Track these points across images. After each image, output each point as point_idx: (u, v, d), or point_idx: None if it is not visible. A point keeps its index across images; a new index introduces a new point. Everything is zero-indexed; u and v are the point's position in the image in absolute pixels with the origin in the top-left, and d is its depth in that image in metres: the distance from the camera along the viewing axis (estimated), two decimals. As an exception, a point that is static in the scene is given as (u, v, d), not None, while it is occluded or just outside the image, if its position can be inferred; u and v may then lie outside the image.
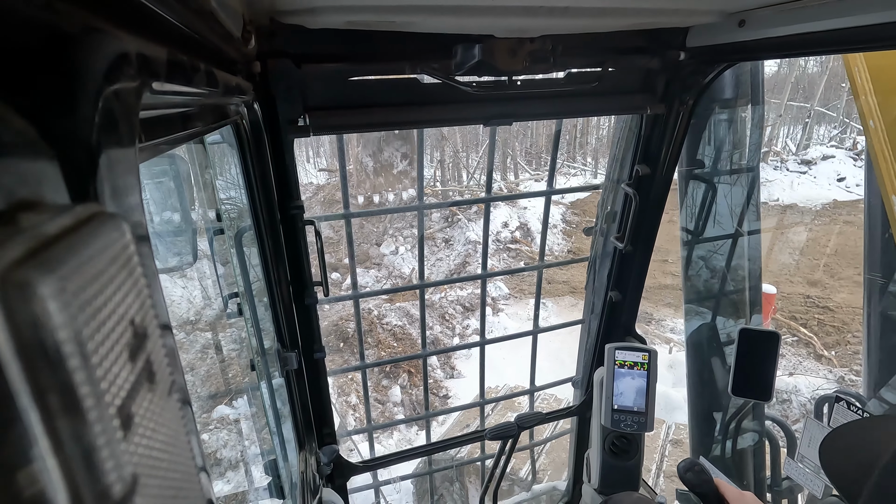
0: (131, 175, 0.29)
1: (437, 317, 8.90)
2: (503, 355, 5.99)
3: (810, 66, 18.23)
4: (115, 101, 0.27)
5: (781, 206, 13.04)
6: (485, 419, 2.71)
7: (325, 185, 14.39)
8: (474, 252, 10.61)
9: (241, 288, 1.40)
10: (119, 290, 0.20)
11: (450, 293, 9.19)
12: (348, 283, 10.19)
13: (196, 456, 0.29)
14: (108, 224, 0.20)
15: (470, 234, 11.08)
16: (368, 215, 6.45)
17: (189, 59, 0.46)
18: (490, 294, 9.15)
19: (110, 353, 0.19)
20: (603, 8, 0.94)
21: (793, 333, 8.05)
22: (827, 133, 18.37)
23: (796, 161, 15.31)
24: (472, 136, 16.59)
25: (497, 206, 11.40)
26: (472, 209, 11.40)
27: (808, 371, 7.17)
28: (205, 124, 0.62)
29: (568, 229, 12.05)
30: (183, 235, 1.36)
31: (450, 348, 6.69)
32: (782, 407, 6.31)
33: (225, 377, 5.61)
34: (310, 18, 0.93)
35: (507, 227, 11.32)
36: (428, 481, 3.69)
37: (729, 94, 2.32)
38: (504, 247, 10.97)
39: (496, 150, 16.52)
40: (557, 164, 1.81)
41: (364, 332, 8.39)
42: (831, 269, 9.79)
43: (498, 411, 4.61)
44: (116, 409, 0.19)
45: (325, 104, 1.15)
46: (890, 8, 0.80)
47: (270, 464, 1.61)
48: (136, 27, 0.32)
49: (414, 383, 7.46)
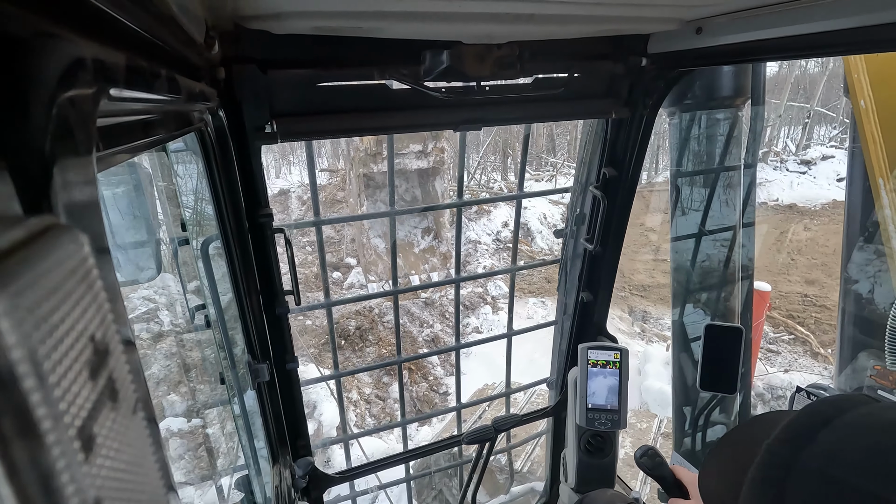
0: (89, 185, 0.27)
1: (438, 315, 9.02)
2: (501, 353, 6.16)
3: (811, 67, 18.65)
4: (70, 108, 0.26)
5: (781, 206, 13.46)
6: (483, 415, 2.73)
7: (326, 185, 14.27)
8: (474, 251, 10.80)
9: (208, 299, 1.36)
10: (77, 306, 0.19)
11: (449, 292, 9.32)
12: (350, 282, 10.15)
13: (164, 475, 0.28)
14: (65, 237, 0.19)
15: (470, 233, 11.23)
16: (338, 222, 6.40)
17: (149, 64, 0.44)
18: (490, 293, 9.43)
19: (69, 371, 0.18)
20: (567, 15, 0.96)
21: (790, 331, 8.34)
22: (827, 133, 18.83)
23: (796, 161, 15.77)
24: (473, 136, 16.71)
25: (498, 205, 11.75)
26: (473, 209, 11.54)
27: (804, 368, 7.44)
28: (167, 132, 0.60)
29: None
30: (146, 247, 1.32)
31: (422, 354, 6.69)
32: (777, 403, 6.54)
33: (191, 391, 5.46)
34: (275, 24, 0.92)
35: (507, 226, 11.54)
36: (427, 478, 3.68)
37: (728, 92, 2.30)
38: (504, 246, 11.20)
39: (496, 151, 16.62)
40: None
41: (365, 329, 8.43)
42: (829, 269, 10.10)
43: (494, 406, 4.72)
44: (77, 430, 0.18)
45: (292, 110, 1.13)
46: (834, 17, 0.84)
47: (242, 479, 1.57)
48: (92, 32, 0.31)
49: (414, 380, 7.62)
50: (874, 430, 0.41)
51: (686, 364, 2.77)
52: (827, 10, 0.85)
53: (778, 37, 0.96)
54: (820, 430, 0.43)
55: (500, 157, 15.92)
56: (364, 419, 6.93)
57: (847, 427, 0.42)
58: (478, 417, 4.54)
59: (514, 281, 2.08)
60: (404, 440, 2.14)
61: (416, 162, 8.85)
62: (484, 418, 4.43)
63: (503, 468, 4.11)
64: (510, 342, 2.12)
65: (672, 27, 1.15)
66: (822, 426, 0.43)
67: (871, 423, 0.42)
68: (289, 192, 15.16)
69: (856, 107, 2.20)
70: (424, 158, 8.47)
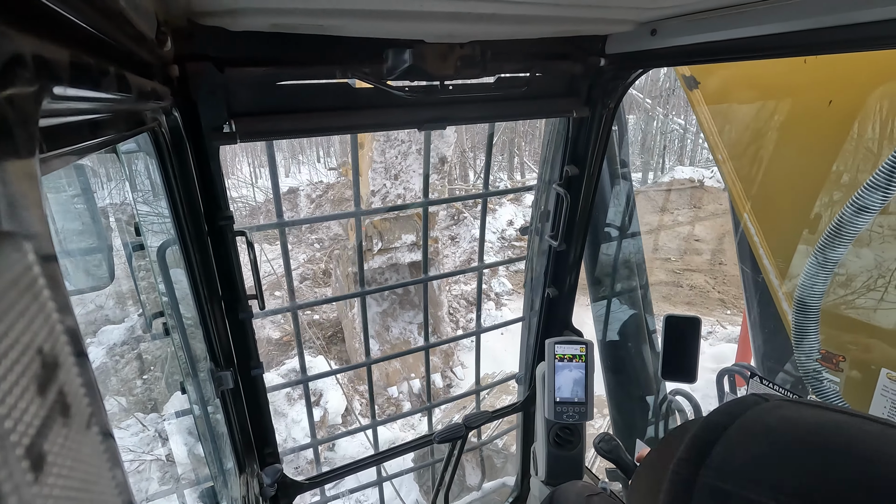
0: (32, 189, 0.26)
1: (444, 311, 9.06)
2: (504, 346, 6.60)
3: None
4: (8, 107, 0.24)
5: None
6: (480, 404, 2.76)
7: (334, 184, 14.25)
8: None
9: (166, 306, 1.31)
10: (22, 317, 0.18)
11: (454, 288, 9.44)
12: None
13: (122, 492, 0.27)
14: (6, 244, 0.18)
15: (475, 231, 11.38)
16: (302, 223, 6.27)
17: (96, 61, 0.42)
18: (494, 290, 9.61)
19: (14, 387, 0.17)
20: (526, 15, 0.98)
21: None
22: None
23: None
24: (481, 136, 16.78)
25: (503, 204, 11.83)
26: (478, 207, 11.53)
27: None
28: (117, 132, 0.58)
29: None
30: (97, 253, 1.26)
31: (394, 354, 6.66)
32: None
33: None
34: (230, 20, 0.89)
35: (511, 224, 11.61)
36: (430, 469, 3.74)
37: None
38: (509, 244, 11.28)
39: (503, 150, 16.62)
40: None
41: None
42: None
43: (494, 393, 4.84)
44: (24, 449, 0.17)
45: (252, 110, 1.10)
46: (784, 20, 0.89)
47: (207, 491, 1.52)
48: (30, 26, 0.29)
49: (418, 374, 7.90)
50: (758, 436, 0.42)
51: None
52: (777, 13, 0.89)
53: (730, 38, 1.00)
54: (714, 444, 0.43)
55: (506, 157, 16.05)
56: (368, 409, 7.16)
57: (736, 436, 0.43)
58: (473, 403, 4.61)
59: (481, 279, 2.10)
60: (375, 442, 2.12)
61: (408, 255, 8.47)
62: (490, 404, 4.49)
63: (500, 451, 4.18)
64: (479, 339, 2.13)
65: (627, 28, 1.19)
66: (717, 439, 0.43)
67: (756, 430, 0.43)
68: (297, 191, 15.28)
69: (716, 160, 2.47)
70: (417, 251, 8.24)
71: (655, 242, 11.71)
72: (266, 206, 14.61)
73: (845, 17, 0.81)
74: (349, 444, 6.03)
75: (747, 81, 2.32)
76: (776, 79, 2.16)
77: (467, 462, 4.57)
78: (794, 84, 2.08)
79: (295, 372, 6.75)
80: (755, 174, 2.28)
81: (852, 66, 1.86)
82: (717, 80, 2.39)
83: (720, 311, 9.23)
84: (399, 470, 2.59)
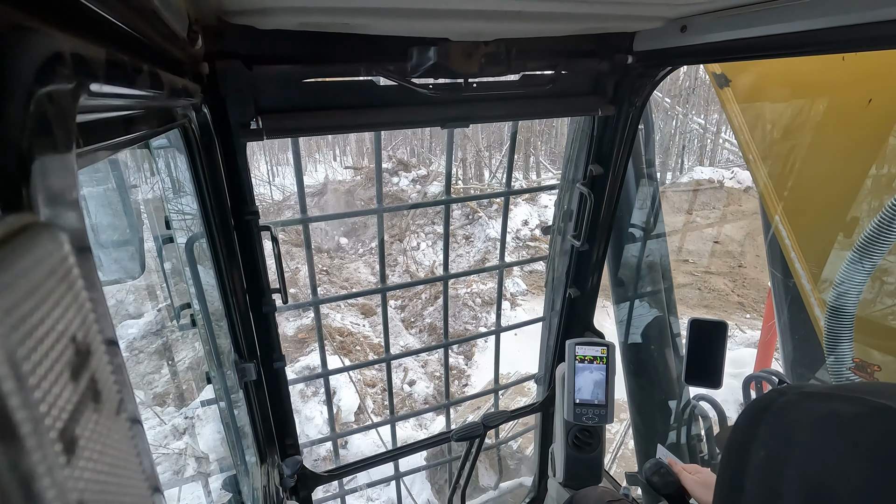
0: (69, 182, 0.27)
1: (463, 307, 9.19)
2: (518, 348, 6.58)
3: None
4: (48, 103, 0.25)
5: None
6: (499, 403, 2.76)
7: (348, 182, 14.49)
8: (493, 249, 10.91)
9: (194, 298, 1.34)
10: (58, 306, 0.19)
11: (472, 287, 9.53)
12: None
13: (149, 477, 0.27)
14: (44, 235, 0.19)
15: (490, 231, 11.32)
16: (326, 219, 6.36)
17: (131, 59, 0.43)
18: (509, 290, 9.56)
19: (49, 373, 0.18)
20: (553, 13, 0.97)
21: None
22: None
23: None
24: (497, 135, 16.87)
25: (518, 203, 11.63)
26: (493, 207, 11.52)
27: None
28: (150, 128, 0.59)
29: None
30: (129, 245, 1.30)
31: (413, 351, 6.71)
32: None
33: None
34: (260, 19, 0.91)
35: (526, 224, 11.56)
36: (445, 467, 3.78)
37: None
38: (524, 244, 11.26)
39: (518, 149, 16.69)
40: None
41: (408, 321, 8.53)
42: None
43: (509, 394, 4.88)
44: (58, 432, 0.17)
45: (278, 107, 1.12)
46: (814, 17, 0.86)
47: (230, 479, 1.55)
48: (70, 26, 0.30)
49: (433, 375, 8.00)
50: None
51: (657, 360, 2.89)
52: (813, 8, 0.86)
53: (764, 35, 0.97)
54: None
55: (521, 156, 16.00)
56: (383, 406, 7.12)
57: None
58: (490, 401, 4.61)
59: (501, 278, 2.09)
60: (393, 437, 2.14)
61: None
62: (500, 406, 4.50)
63: (514, 453, 4.18)
64: (498, 338, 2.12)
65: (657, 25, 1.16)
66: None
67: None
68: (325, 188, 15.59)
69: (746, 160, 2.39)
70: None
71: (674, 244, 11.46)
72: (285, 204, 14.92)
73: (887, 12, 0.77)
74: (362, 442, 6.07)
75: (780, 79, 2.24)
76: (811, 76, 2.08)
77: (480, 462, 4.58)
78: (830, 81, 2.00)
79: (308, 369, 6.84)
80: (788, 174, 2.22)
81: (893, 63, 1.78)
82: (748, 78, 2.32)
83: (739, 315, 8.97)
84: (412, 468, 2.60)
